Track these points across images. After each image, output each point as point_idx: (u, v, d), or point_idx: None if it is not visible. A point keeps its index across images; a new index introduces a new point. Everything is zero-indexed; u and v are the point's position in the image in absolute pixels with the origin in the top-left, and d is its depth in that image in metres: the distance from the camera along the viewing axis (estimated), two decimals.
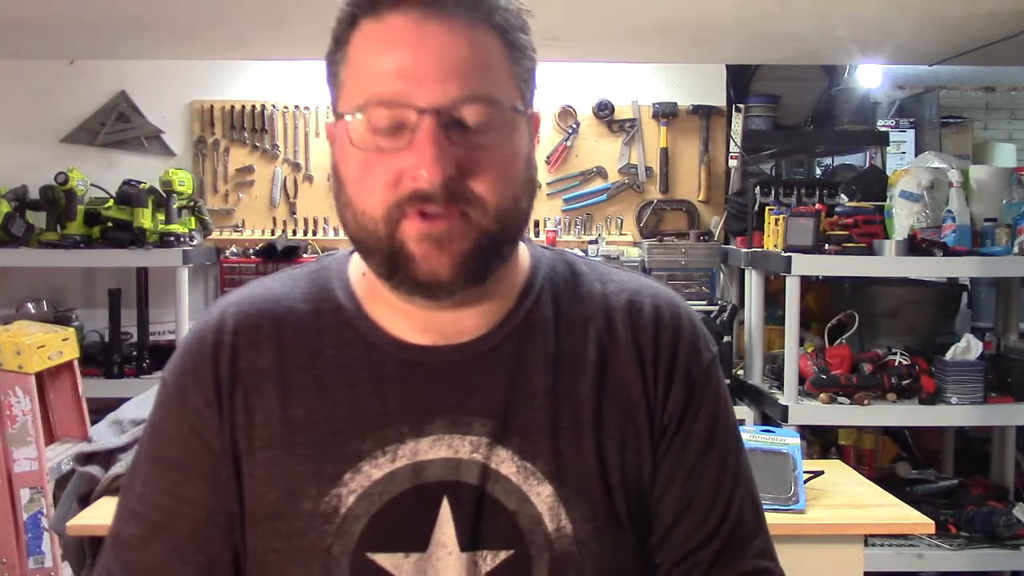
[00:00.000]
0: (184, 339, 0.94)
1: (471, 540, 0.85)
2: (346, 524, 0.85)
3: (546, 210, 3.96)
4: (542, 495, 0.86)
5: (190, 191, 3.67)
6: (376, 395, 0.87)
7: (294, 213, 3.95)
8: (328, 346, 0.90)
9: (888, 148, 4.51)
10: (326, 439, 0.87)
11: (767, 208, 3.40)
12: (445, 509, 0.86)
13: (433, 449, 0.86)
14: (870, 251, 3.11)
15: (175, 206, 3.56)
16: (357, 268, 0.94)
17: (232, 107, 3.94)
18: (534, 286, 0.93)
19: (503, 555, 0.86)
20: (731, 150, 3.90)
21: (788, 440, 2.25)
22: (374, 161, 0.82)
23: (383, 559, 0.85)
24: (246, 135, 3.94)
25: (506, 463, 0.86)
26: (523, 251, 0.95)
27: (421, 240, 0.82)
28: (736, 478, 0.95)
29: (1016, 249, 3.09)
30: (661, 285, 0.99)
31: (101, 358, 3.54)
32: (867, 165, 4.30)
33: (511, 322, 0.91)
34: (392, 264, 0.83)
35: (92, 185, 3.57)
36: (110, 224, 3.50)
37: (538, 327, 0.91)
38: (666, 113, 3.95)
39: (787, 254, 3.07)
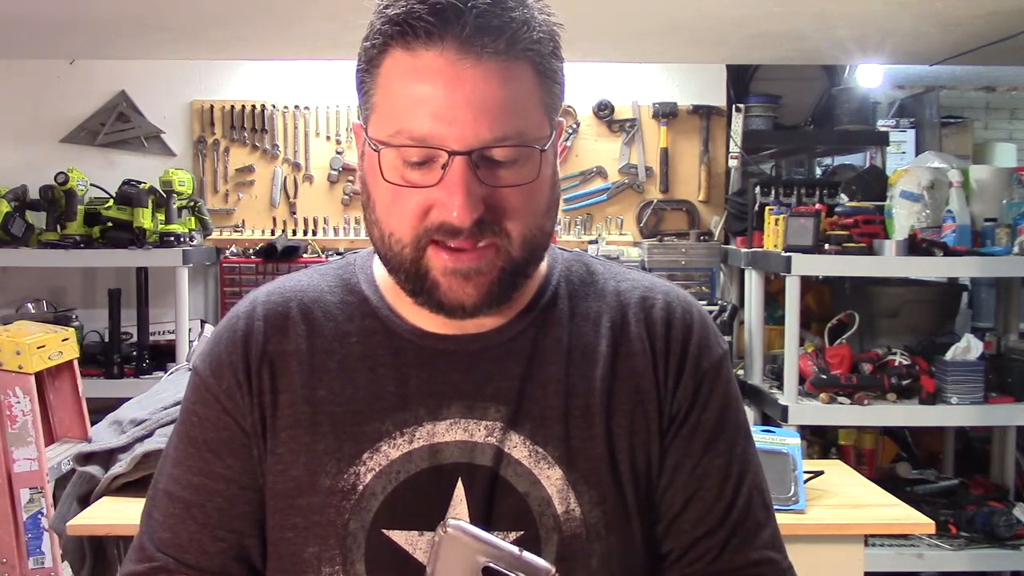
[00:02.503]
0: (217, 328, 0.99)
1: (483, 520, 0.87)
2: (363, 501, 0.88)
3: None
4: (552, 478, 0.89)
5: (190, 191, 3.67)
6: (396, 380, 0.91)
7: (294, 213, 3.95)
8: (353, 333, 0.94)
9: (888, 148, 4.50)
10: (347, 419, 0.91)
11: (767, 208, 3.40)
12: (459, 490, 0.89)
13: (450, 432, 0.90)
14: (870, 251, 3.11)
15: (175, 206, 3.56)
16: (380, 265, 0.96)
17: (232, 107, 3.94)
18: (551, 283, 0.97)
19: (513, 535, 0.88)
20: (731, 150, 3.90)
21: (788, 440, 2.25)
22: (404, 191, 0.85)
23: (398, 536, 0.88)
24: (246, 135, 3.94)
25: (518, 447, 0.89)
26: None
27: (447, 273, 0.86)
28: (744, 469, 0.96)
29: (1016, 249, 3.08)
30: (673, 285, 1.02)
31: (101, 358, 3.54)
32: (867, 165, 4.30)
33: (528, 316, 0.94)
34: (417, 286, 0.88)
35: (92, 185, 3.57)
36: (110, 224, 3.50)
37: (554, 321, 0.95)
38: (666, 113, 3.95)
39: (787, 254, 3.07)
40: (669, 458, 0.93)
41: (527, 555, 0.76)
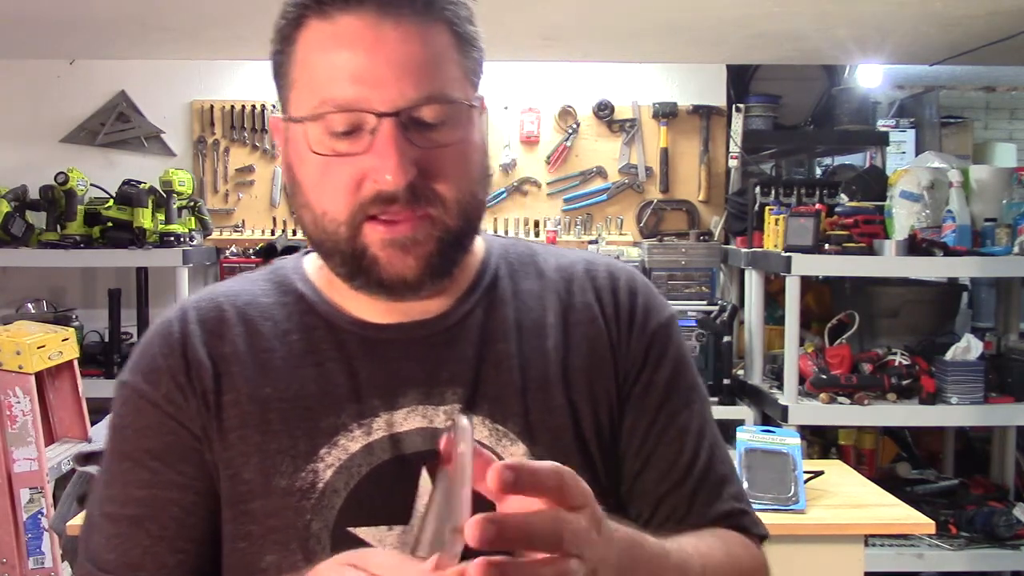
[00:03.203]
0: (144, 339, 0.94)
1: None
2: (325, 499, 0.85)
3: (546, 210, 3.96)
4: (516, 455, 0.88)
5: (190, 191, 3.67)
6: (346, 373, 0.88)
7: (294, 213, 3.94)
8: (293, 330, 0.91)
9: (888, 148, 4.50)
10: (299, 415, 0.87)
11: (767, 208, 3.40)
12: (424, 479, 0.86)
13: (408, 420, 0.87)
14: (870, 251, 3.11)
15: (175, 206, 3.56)
16: (313, 262, 0.96)
17: (232, 107, 3.94)
18: (490, 264, 0.96)
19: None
20: (731, 150, 3.90)
21: (788, 440, 2.25)
22: (333, 164, 0.82)
23: (365, 533, 0.85)
24: (246, 135, 3.94)
25: (478, 428, 0.88)
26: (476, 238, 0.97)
27: (385, 246, 0.83)
28: (702, 425, 0.96)
29: (1016, 249, 3.08)
30: (612, 258, 1.03)
31: (101, 358, 3.54)
32: (867, 165, 4.30)
33: (472, 298, 0.93)
34: (355, 267, 0.85)
35: (92, 185, 3.57)
36: (110, 224, 3.50)
37: (499, 299, 0.94)
38: (666, 113, 3.95)
39: (787, 254, 3.07)
40: (626, 419, 0.93)
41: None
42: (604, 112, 3.96)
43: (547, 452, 0.87)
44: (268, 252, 3.75)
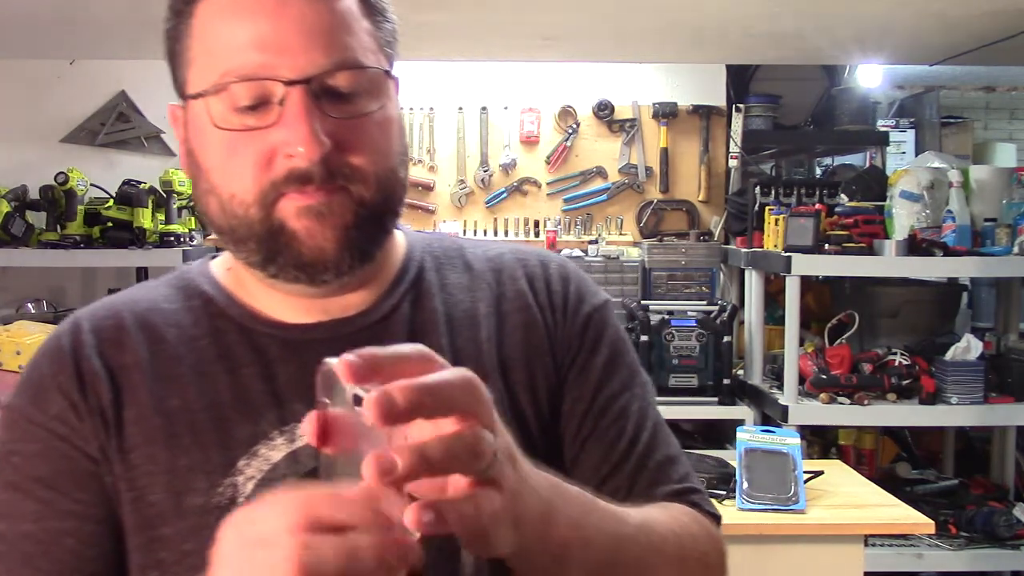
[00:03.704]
0: (33, 358, 0.85)
1: None
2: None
3: (546, 210, 3.96)
4: None
5: (190, 191, 3.65)
6: (263, 378, 0.82)
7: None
8: (202, 336, 0.84)
9: (888, 148, 4.50)
10: (211, 426, 0.80)
11: (767, 208, 3.40)
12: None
13: None
14: (870, 251, 3.11)
15: (175, 206, 3.56)
16: (220, 266, 0.90)
17: None
18: (414, 257, 0.91)
19: None
20: (731, 150, 3.90)
21: (788, 440, 2.25)
22: (239, 141, 0.76)
23: None
24: None
25: None
26: (396, 233, 0.92)
27: (301, 215, 0.77)
28: (644, 407, 0.92)
29: (1016, 249, 3.09)
30: (541, 248, 1.00)
31: None
32: (867, 165, 4.30)
33: (396, 292, 0.88)
34: (271, 248, 0.78)
35: (92, 185, 3.57)
36: (110, 224, 3.50)
37: (425, 292, 0.89)
38: (666, 113, 3.95)
39: (787, 254, 3.07)
40: (564, 404, 0.89)
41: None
42: (604, 112, 3.96)
43: None
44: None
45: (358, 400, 0.56)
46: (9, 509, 0.80)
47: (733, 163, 3.90)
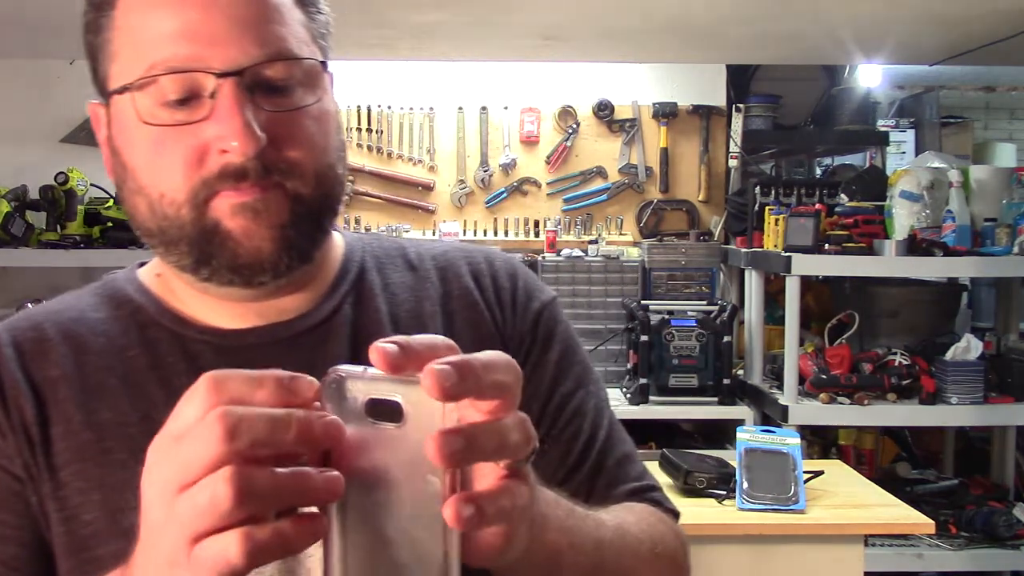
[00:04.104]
0: None
1: None
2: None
3: (546, 210, 3.96)
4: None
5: None
6: None
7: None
8: (132, 346, 0.80)
9: (888, 148, 4.50)
10: (145, 439, 0.74)
11: (767, 208, 3.40)
12: None
13: None
14: (870, 251, 3.11)
15: None
16: (149, 272, 0.86)
17: None
18: (354, 258, 0.88)
19: None
20: (731, 150, 3.90)
21: (788, 440, 2.25)
22: (169, 137, 0.72)
23: None
24: None
25: None
26: (334, 235, 0.89)
27: (236, 213, 0.73)
28: (599, 405, 0.91)
29: (1016, 249, 3.09)
30: (487, 246, 0.98)
31: None
32: (867, 165, 4.30)
33: (337, 293, 0.84)
34: (204, 250, 0.74)
35: (92, 185, 3.57)
36: (110, 224, 3.50)
37: (367, 293, 0.86)
38: (666, 113, 3.95)
39: (787, 254, 3.07)
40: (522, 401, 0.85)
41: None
42: (604, 112, 3.96)
43: None
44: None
45: (371, 410, 0.52)
46: None
47: (733, 163, 3.90)
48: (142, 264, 0.88)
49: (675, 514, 0.91)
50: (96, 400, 0.77)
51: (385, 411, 0.53)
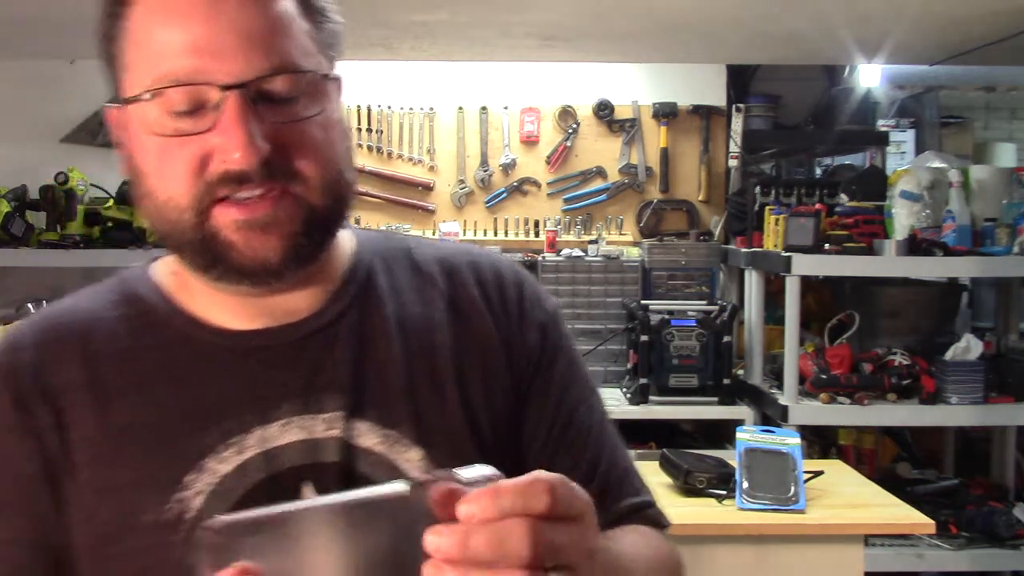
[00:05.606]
0: None
1: None
2: (196, 529, 0.75)
3: (546, 210, 3.96)
4: (412, 460, 0.81)
5: None
6: (209, 388, 0.80)
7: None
8: (144, 348, 0.82)
9: (888, 148, 4.50)
10: (157, 441, 0.78)
11: (767, 208, 3.40)
12: (307, 495, 0.79)
13: (285, 434, 0.79)
14: (870, 251, 3.11)
15: None
16: (163, 269, 0.87)
17: None
18: (363, 259, 0.89)
19: None
20: (731, 150, 3.90)
21: (788, 440, 2.25)
22: (174, 146, 0.75)
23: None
24: None
25: (367, 435, 0.81)
26: (343, 232, 0.89)
27: (239, 228, 0.75)
28: (601, 419, 0.93)
29: (1016, 249, 3.09)
30: (494, 251, 0.99)
31: None
32: (867, 165, 4.30)
33: (346, 295, 0.86)
34: (208, 257, 0.77)
35: (92, 185, 3.57)
36: (110, 224, 3.50)
37: (376, 296, 0.87)
38: (666, 113, 3.95)
39: (787, 254, 3.07)
40: (529, 417, 0.88)
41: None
42: (604, 112, 3.96)
43: (444, 454, 0.81)
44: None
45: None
46: None
47: (733, 163, 3.90)
48: (155, 258, 0.89)
49: (667, 527, 0.94)
50: (110, 405, 0.79)
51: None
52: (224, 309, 0.83)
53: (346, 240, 0.89)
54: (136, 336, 0.83)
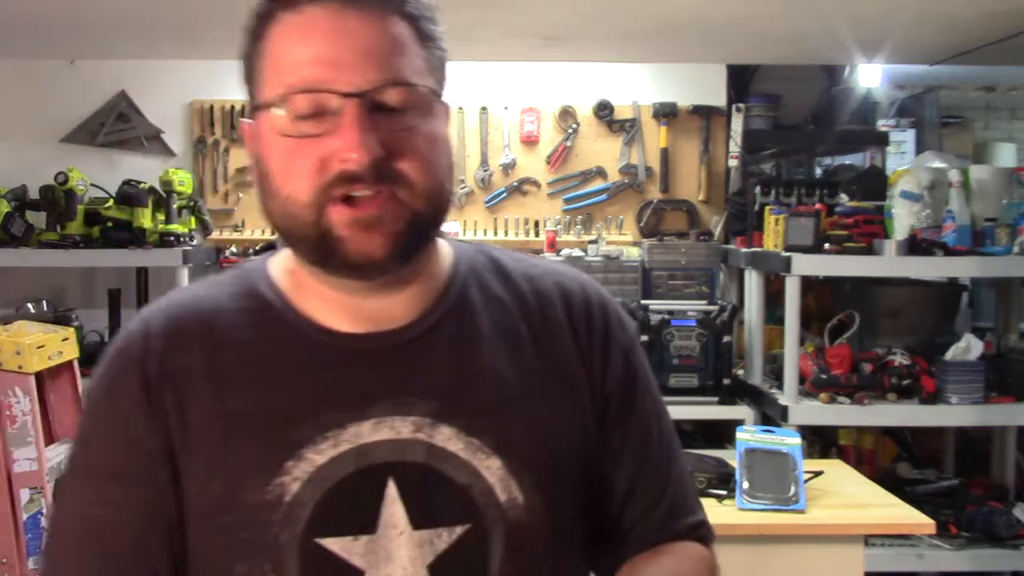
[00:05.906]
0: (109, 350, 0.93)
1: (422, 518, 0.87)
2: (292, 511, 0.85)
3: (546, 210, 3.96)
4: (492, 468, 0.88)
5: (190, 191, 3.66)
6: (313, 384, 0.88)
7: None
8: (260, 341, 0.91)
9: (888, 148, 4.50)
10: (265, 429, 0.87)
11: (767, 208, 3.40)
12: (391, 490, 0.87)
13: (376, 432, 0.87)
14: (870, 251, 3.11)
15: (175, 206, 3.56)
16: (280, 266, 0.96)
17: (232, 107, 3.94)
18: (460, 272, 0.96)
19: (459, 530, 0.87)
20: (731, 150, 3.90)
21: (788, 440, 2.25)
22: (300, 147, 0.83)
23: (332, 543, 0.86)
24: None
25: (452, 440, 0.88)
26: (442, 243, 0.98)
27: (349, 225, 0.83)
28: (671, 441, 1.01)
29: (1016, 249, 3.08)
30: (578, 271, 1.05)
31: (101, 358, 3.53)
32: (867, 165, 4.30)
33: (443, 305, 0.93)
34: (321, 250, 0.85)
35: (92, 185, 3.57)
36: (110, 224, 3.50)
37: (470, 309, 0.94)
38: (666, 113, 3.95)
39: (787, 254, 3.07)
40: (613, 439, 0.96)
41: None
42: (604, 112, 3.96)
43: (522, 466, 0.89)
44: (268, 252, 3.75)
45: None
46: (84, 492, 0.89)
47: (733, 163, 3.90)
48: (273, 254, 0.98)
49: (714, 539, 1.03)
50: (227, 391, 0.88)
51: None
52: (333, 311, 0.91)
53: (444, 250, 0.97)
54: (255, 330, 0.91)
